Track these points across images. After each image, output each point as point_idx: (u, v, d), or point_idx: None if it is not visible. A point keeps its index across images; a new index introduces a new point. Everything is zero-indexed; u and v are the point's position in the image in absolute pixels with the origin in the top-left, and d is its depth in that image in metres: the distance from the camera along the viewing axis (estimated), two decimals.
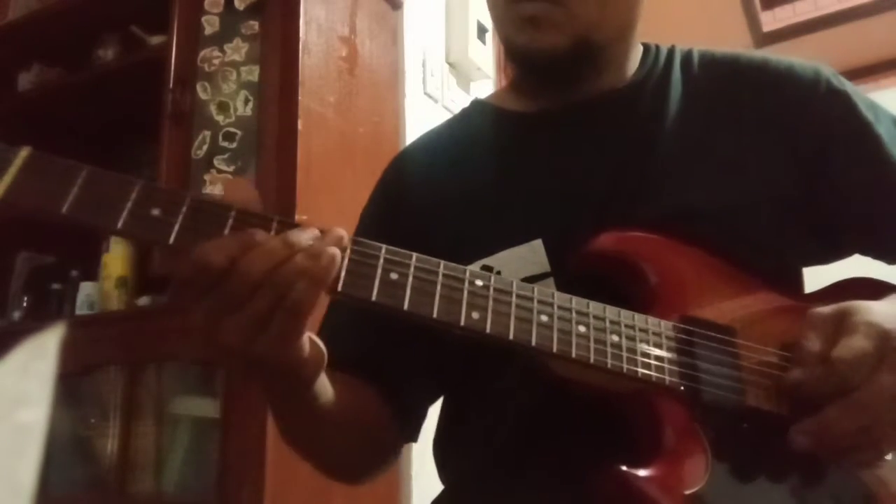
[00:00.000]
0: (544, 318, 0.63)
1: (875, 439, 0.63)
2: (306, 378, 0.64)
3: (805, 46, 3.05)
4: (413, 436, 0.87)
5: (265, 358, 0.58)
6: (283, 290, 0.55)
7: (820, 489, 0.67)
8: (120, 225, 0.56)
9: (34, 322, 1.94)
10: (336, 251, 0.56)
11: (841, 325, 0.64)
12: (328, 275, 0.56)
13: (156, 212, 0.57)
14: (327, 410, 0.69)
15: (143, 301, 1.78)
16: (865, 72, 3.03)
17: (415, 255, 0.61)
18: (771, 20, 3.19)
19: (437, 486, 0.85)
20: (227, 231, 0.57)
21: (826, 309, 0.66)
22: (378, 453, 0.85)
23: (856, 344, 0.62)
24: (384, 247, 0.61)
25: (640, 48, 0.89)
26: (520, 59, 0.83)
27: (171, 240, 0.56)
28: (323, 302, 0.66)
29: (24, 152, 0.55)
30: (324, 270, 0.56)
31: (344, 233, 0.59)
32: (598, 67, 0.82)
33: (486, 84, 2.36)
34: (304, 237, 0.57)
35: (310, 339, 0.61)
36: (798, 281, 0.83)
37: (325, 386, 0.67)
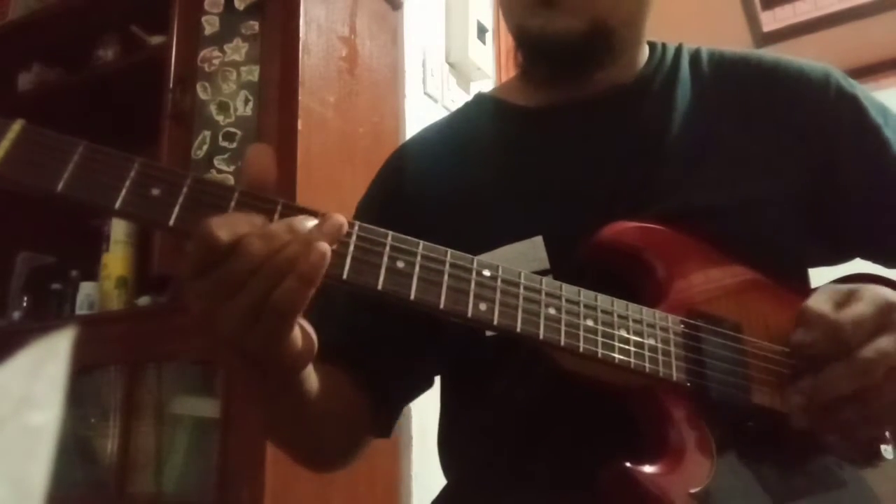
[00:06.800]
0: (552, 310, 0.62)
1: (872, 411, 0.63)
2: (295, 370, 0.62)
3: (805, 46, 3.05)
4: (386, 431, 0.85)
5: (256, 352, 0.56)
6: (275, 281, 0.52)
7: (825, 488, 0.68)
8: (118, 204, 0.53)
9: (34, 322, 1.94)
10: (326, 248, 0.53)
11: (849, 297, 0.66)
12: (317, 273, 0.53)
13: (156, 191, 0.54)
14: (308, 398, 0.67)
15: (143, 301, 1.78)
16: (865, 72, 3.03)
17: (422, 243, 0.60)
18: (771, 20, 3.19)
19: (436, 486, 0.85)
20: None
21: (838, 285, 0.68)
22: (350, 444, 0.84)
23: (857, 308, 0.64)
24: (391, 234, 0.59)
25: (647, 46, 0.88)
26: (533, 46, 0.81)
27: (171, 221, 0.54)
28: None
29: (16, 125, 0.52)
30: (312, 268, 0.53)
31: (344, 220, 0.56)
32: (611, 55, 0.81)
33: (486, 84, 2.35)
34: (308, 224, 0.54)
35: (302, 330, 0.59)
36: (803, 279, 0.83)
37: (309, 373, 0.66)
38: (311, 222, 0.55)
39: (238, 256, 0.52)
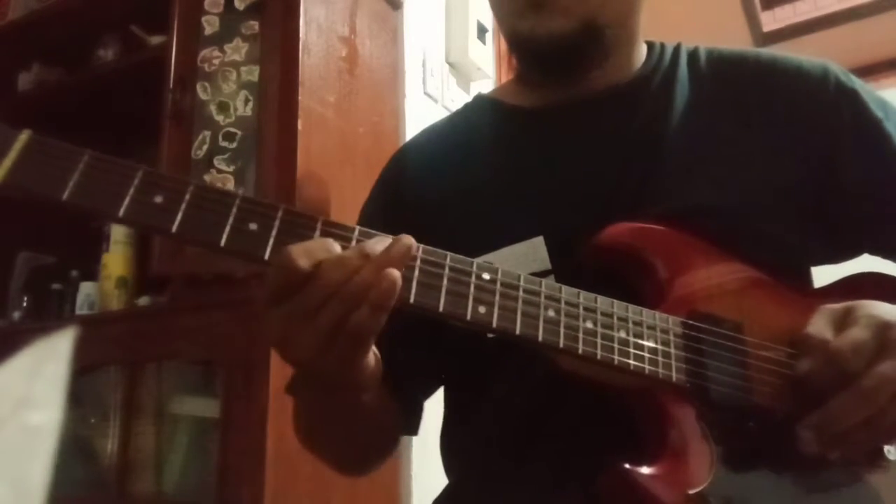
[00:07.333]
0: (551, 313, 0.62)
1: (881, 433, 0.63)
2: (368, 390, 0.65)
3: (805, 46, 3.05)
4: (415, 429, 0.87)
5: (332, 374, 0.59)
6: (350, 306, 0.55)
7: (825, 489, 0.68)
8: (122, 213, 0.54)
9: (34, 322, 1.94)
10: (396, 275, 0.55)
11: (845, 320, 0.65)
12: (389, 299, 0.55)
13: (158, 199, 0.55)
14: (359, 409, 0.70)
15: (143, 301, 1.78)
16: (865, 72, 3.03)
17: (421, 246, 0.60)
18: (771, 20, 3.19)
19: (437, 486, 0.85)
20: (230, 220, 0.56)
21: (833, 305, 0.67)
22: (386, 446, 0.86)
23: (854, 334, 0.63)
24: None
25: (645, 46, 0.88)
26: (525, 49, 0.82)
27: (174, 229, 0.55)
28: None
29: (24, 136, 0.54)
30: (384, 294, 0.55)
31: (412, 241, 0.58)
32: (603, 54, 0.81)
33: (485, 84, 2.35)
34: (379, 248, 0.56)
35: (374, 354, 0.61)
36: (806, 279, 0.83)
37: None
38: (382, 245, 0.57)
39: (317, 282, 0.54)
